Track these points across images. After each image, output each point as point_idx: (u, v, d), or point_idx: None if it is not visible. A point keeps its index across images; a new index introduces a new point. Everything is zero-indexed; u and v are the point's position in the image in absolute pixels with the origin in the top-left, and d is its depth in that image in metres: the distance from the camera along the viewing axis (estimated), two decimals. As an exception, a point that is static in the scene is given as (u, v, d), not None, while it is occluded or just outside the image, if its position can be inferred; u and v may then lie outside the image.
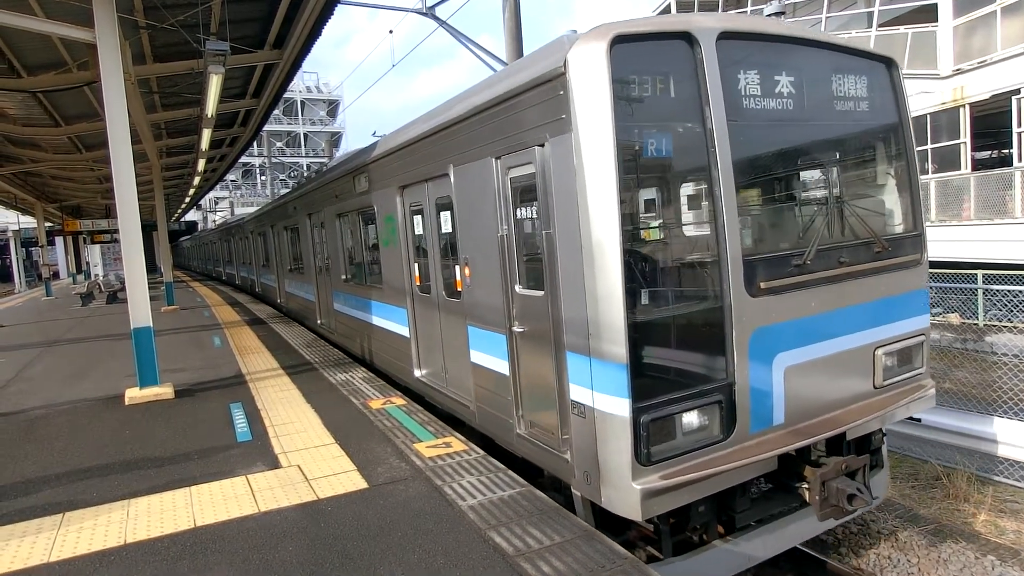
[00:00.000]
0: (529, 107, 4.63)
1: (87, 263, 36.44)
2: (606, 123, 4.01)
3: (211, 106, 11.56)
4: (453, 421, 6.74)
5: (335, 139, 70.75)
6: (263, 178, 62.84)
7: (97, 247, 29.96)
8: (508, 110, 4.90)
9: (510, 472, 5.15)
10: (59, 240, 44.44)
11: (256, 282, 22.57)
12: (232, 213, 51.06)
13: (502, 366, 5.43)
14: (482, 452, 5.64)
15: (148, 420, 7.33)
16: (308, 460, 5.69)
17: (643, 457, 4.08)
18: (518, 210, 5.11)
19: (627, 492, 4.06)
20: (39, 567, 4.10)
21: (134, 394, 8.18)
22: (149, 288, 8.48)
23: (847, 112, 5.12)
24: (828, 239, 4.92)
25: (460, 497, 4.70)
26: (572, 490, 4.69)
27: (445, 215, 6.35)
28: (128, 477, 5.57)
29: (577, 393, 4.41)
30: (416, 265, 7.34)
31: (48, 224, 32.40)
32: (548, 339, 4.74)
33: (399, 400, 7.49)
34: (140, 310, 8.19)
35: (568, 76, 4.15)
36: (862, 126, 5.34)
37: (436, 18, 12.87)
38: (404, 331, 7.76)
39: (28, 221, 38.95)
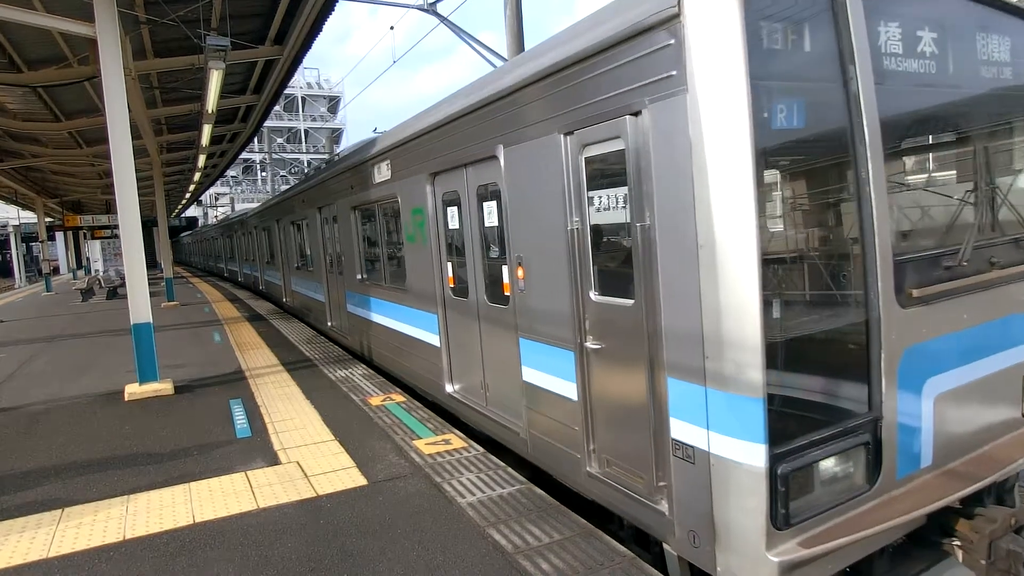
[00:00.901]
0: (617, 66, 3.71)
1: (87, 259, 36.47)
2: (738, 80, 3.07)
3: (212, 102, 11.55)
4: (495, 445, 5.85)
5: (336, 135, 70.69)
6: (263, 174, 62.80)
7: (97, 243, 30.02)
8: (585, 73, 3.98)
9: (509, 469, 5.15)
10: (59, 235, 44.41)
11: (260, 279, 21.81)
12: (232, 209, 51.06)
13: (567, 389, 4.49)
14: (481, 449, 5.64)
15: (147, 416, 7.33)
16: (307, 457, 5.69)
17: (780, 519, 3.18)
18: (596, 198, 4.18)
19: (758, 564, 3.18)
20: (38, 562, 4.10)
21: (134, 390, 8.18)
22: (149, 284, 8.48)
23: (1009, 79, 4.14)
24: (979, 235, 4.00)
25: (459, 494, 4.70)
26: (665, 548, 3.77)
27: (490, 206, 5.49)
28: (127, 473, 5.57)
29: (682, 431, 3.51)
30: (449, 265, 6.43)
31: (48, 219, 32.41)
32: (639, 360, 3.80)
33: (399, 397, 7.49)
34: (140, 306, 8.19)
35: (683, 20, 3.23)
36: None
37: (437, 14, 12.83)
38: (433, 340, 6.86)
39: (28, 216, 38.99)
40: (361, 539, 4.13)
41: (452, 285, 6.44)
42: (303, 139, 70.18)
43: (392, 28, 18.96)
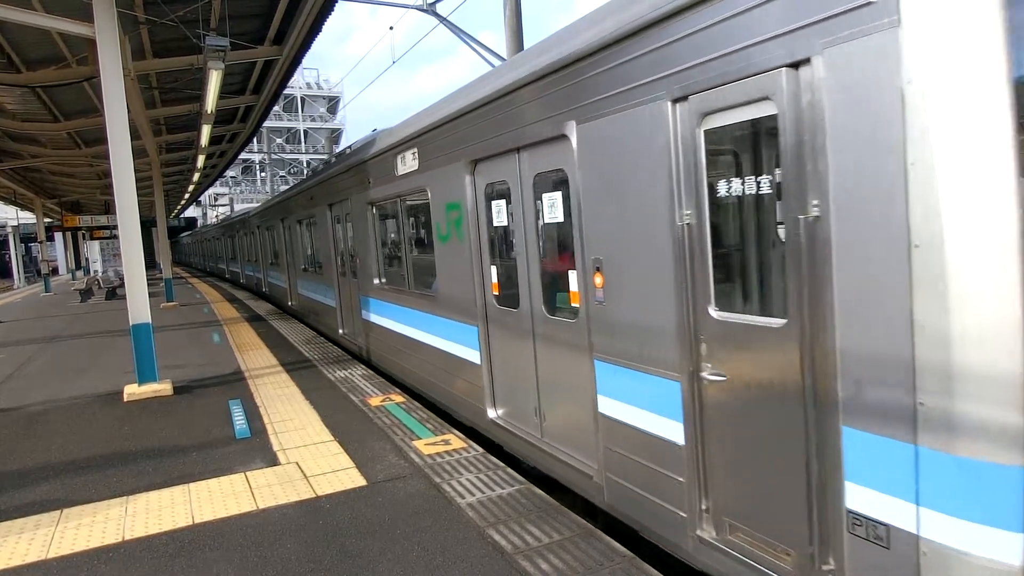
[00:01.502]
0: (765, 2, 2.77)
1: (86, 259, 36.45)
2: (989, 5, 2.18)
3: (211, 102, 11.55)
4: (548, 484, 5.01)
5: (335, 135, 70.72)
6: (263, 174, 62.77)
7: (96, 243, 29.99)
8: (706, 19, 3.04)
9: (509, 470, 5.14)
10: (58, 236, 44.43)
11: (263, 281, 20.93)
12: (232, 209, 51.04)
13: (668, 428, 3.59)
14: (481, 450, 5.63)
15: (147, 416, 7.32)
16: (307, 457, 5.69)
17: None
18: (722, 184, 3.24)
19: None
20: (37, 564, 4.09)
21: (133, 390, 8.17)
22: (148, 284, 8.47)
23: None
24: None
25: (459, 495, 4.70)
26: None
27: (552, 198, 4.63)
28: (126, 474, 5.56)
29: (868, 501, 2.61)
30: (493, 269, 5.54)
31: (47, 220, 32.42)
32: (789, 399, 2.90)
33: (398, 398, 7.48)
34: (139, 306, 8.18)
35: None
36: None
37: (437, 15, 12.83)
38: (471, 356, 5.99)
39: (27, 217, 38.96)
40: (360, 539, 4.13)
41: (497, 293, 5.52)
42: (302, 139, 70.21)
43: (391, 28, 18.99)
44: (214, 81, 10.19)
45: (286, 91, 19.51)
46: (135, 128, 12.65)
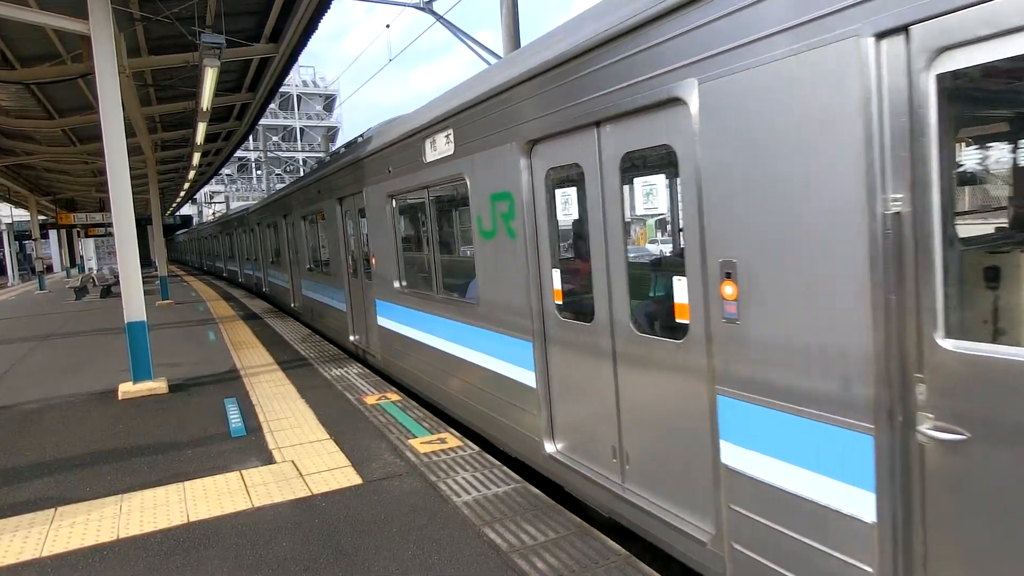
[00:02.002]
0: None
1: (81, 257, 36.32)
2: None
3: (206, 100, 11.52)
4: (625, 535, 4.27)
5: (331, 134, 70.54)
6: (259, 172, 62.64)
7: (91, 241, 29.91)
8: None
9: (504, 468, 5.14)
10: (53, 233, 44.28)
11: (263, 281, 19.97)
12: (228, 207, 50.90)
13: (853, 499, 2.62)
14: (477, 448, 5.63)
15: (142, 415, 7.31)
16: (302, 455, 5.68)
17: None
18: (966, 154, 2.59)
19: None
20: (31, 562, 4.07)
21: (128, 389, 8.15)
22: (144, 283, 8.44)
23: None
24: None
25: (455, 493, 4.70)
26: None
27: (649, 184, 3.73)
28: (121, 472, 5.55)
29: None
30: (555, 273, 4.59)
31: (42, 217, 32.31)
32: None
33: (394, 396, 7.47)
34: (134, 304, 8.15)
35: None
36: None
37: (434, 13, 12.82)
38: (523, 376, 5.03)
39: (21, 214, 38.80)
40: (356, 538, 4.13)
41: (560, 301, 4.59)
42: (298, 137, 70.06)
43: (388, 26, 18.97)
44: (210, 79, 10.17)
45: (282, 89, 19.48)
46: (130, 125, 12.63)
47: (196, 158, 20.01)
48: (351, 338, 10.14)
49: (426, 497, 4.67)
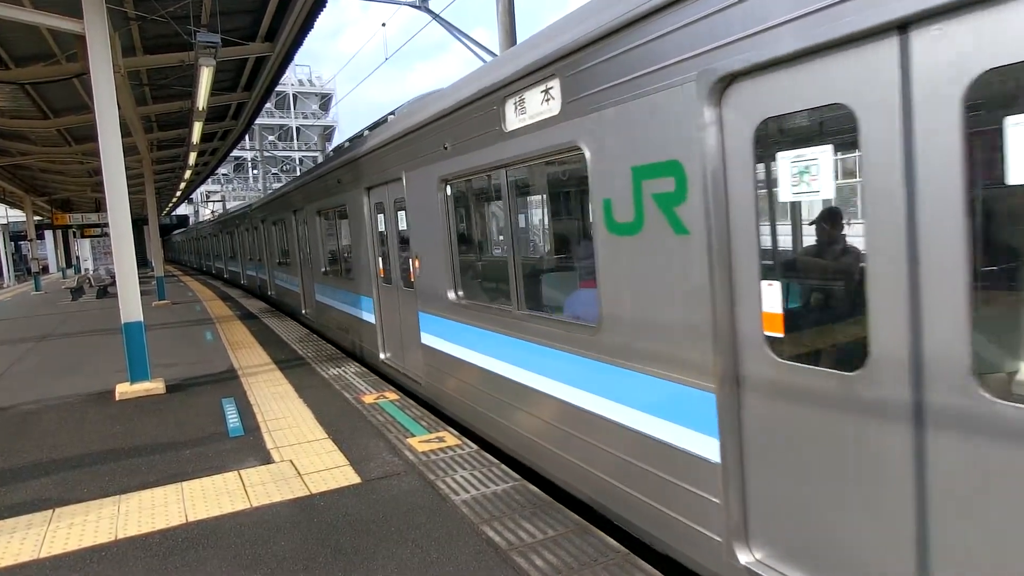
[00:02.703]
0: None
1: (77, 257, 36.22)
2: None
3: (202, 99, 11.49)
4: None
5: (328, 133, 70.46)
6: (255, 172, 62.51)
7: (87, 241, 29.80)
8: None
9: (503, 466, 5.14)
10: (48, 234, 44.14)
11: (268, 284, 18.48)
12: (224, 207, 50.79)
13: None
14: (475, 447, 5.63)
15: (139, 415, 7.29)
16: (301, 455, 5.68)
17: None
18: None
19: None
20: (29, 563, 4.07)
21: (125, 389, 8.13)
22: (140, 283, 8.42)
23: None
24: None
25: (453, 492, 4.70)
26: None
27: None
28: (119, 472, 5.54)
29: None
30: (767, 286, 2.97)
31: (37, 218, 32.18)
32: None
33: (392, 395, 7.47)
34: (130, 305, 8.13)
35: None
36: None
37: (429, 11, 12.80)
38: (693, 443, 3.38)
39: (17, 215, 38.66)
40: (355, 537, 4.13)
41: (776, 332, 2.91)
42: (295, 136, 70.00)
43: (384, 25, 18.94)
44: (205, 78, 10.13)
45: (278, 88, 19.44)
46: (126, 125, 12.59)
47: (192, 158, 19.94)
48: (382, 356, 8.52)
49: (425, 496, 4.67)
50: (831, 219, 3.47)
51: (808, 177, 2.74)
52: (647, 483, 3.75)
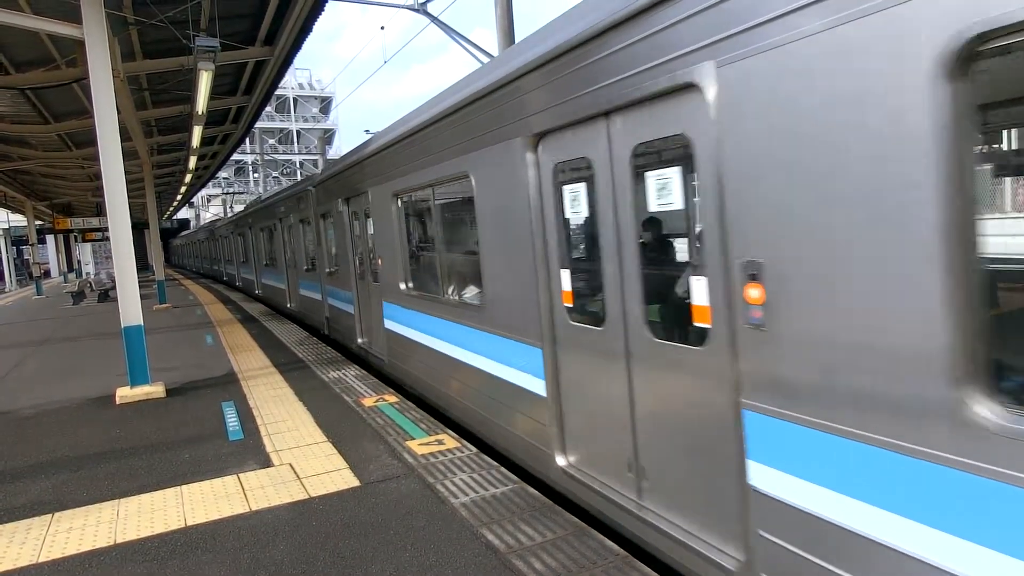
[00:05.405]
0: None
1: (78, 261, 36.27)
2: None
3: (202, 103, 11.51)
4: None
5: (328, 136, 70.53)
6: (255, 175, 62.58)
7: (88, 245, 29.88)
8: None
9: (502, 469, 5.14)
10: (50, 238, 44.21)
11: (289, 293, 15.57)
12: (224, 212, 50.80)
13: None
14: (475, 450, 5.63)
15: (139, 419, 7.29)
16: (300, 458, 5.67)
17: None
18: None
19: None
20: (28, 568, 4.07)
21: (125, 393, 8.14)
22: (141, 286, 8.43)
23: None
24: None
25: (452, 495, 4.70)
26: None
27: None
28: (118, 476, 5.54)
29: None
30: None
31: (38, 222, 32.23)
32: None
33: (392, 398, 7.47)
34: (131, 308, 8.14)
35: None
36: None
37: (428, 14, 12.83)
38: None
39: (18, 219, 38.70)
40: (354, 540, 4.13)
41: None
42: (295, 140, 70.03)
43: (383, 28, 18.98)
44: (204, 82, 10.15)
45: (278, 92, 19.46)
46: (125, 129, 12.61)
47: (192, 162, 19.98)
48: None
49: (424, 499, 4.67)
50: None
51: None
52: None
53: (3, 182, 22.97)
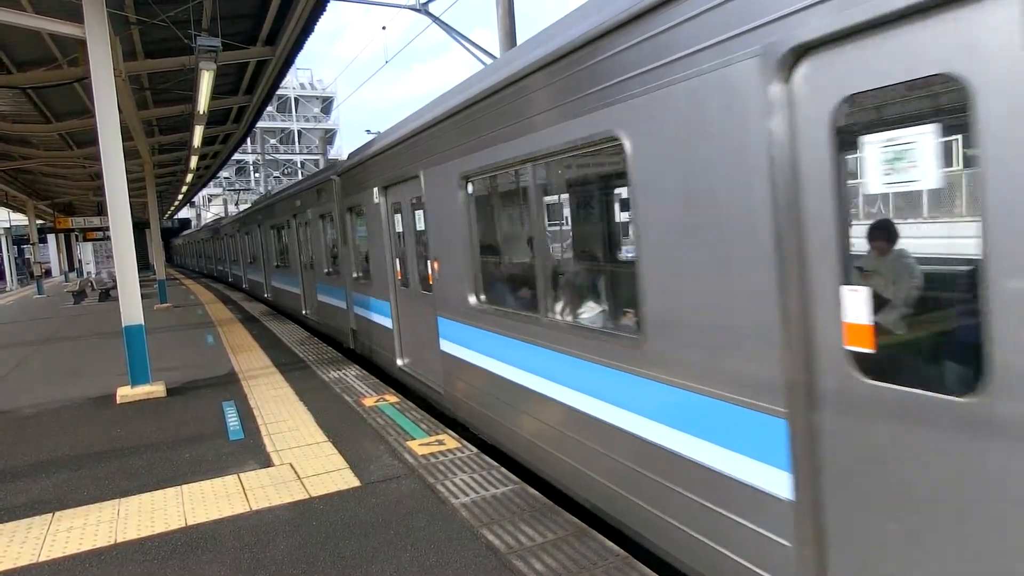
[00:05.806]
0: None
1: (79, 261, 36.27)
2: None
3: (203, 103, 11.51)
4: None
5: (329, 136, 70.56)
6: (257, 175, 62.60)
7: (89, 245, 29.81)
8: None
9: (503, 469, 5.14)
10: (51, 238, 44.20)
11: (304, 299, 14.04)
12: (226, 211, 50.81)
13: None
14: (475, 450, 5.63)
15: (139, 419, 7.30)
16: (300, 458, 5.67)
17: None
18: None
19: None
20: (29, 567, 4.07)
21: (126, 392, 8.14)
22: (142, 286, 8.43)
23: None
24: None
25: (453, 495, 4.69)
26: None
27: None
28: (119, 476, 5.54)
29: None
30: None
31: (39, 222, 32.26)
32: None
33: (392, 398, 7.47)
34: (132, 308, 8.14)
35: None
36: None
37: (429, 14, 12.83)
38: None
39: (19, 218, 38.71)
40: (354, 540, 4.12)
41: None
42: (296, 140, 70.02)
43: (384, 28, 19.01)
44: (206, 82, 10.16)
45: (279, 92, 19.46)
46: (127, 129, 12.61)
47: (193, 161, 19.99)
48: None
49: (424, 499, 4.67)
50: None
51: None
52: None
53: (4, 181, 22.99)
